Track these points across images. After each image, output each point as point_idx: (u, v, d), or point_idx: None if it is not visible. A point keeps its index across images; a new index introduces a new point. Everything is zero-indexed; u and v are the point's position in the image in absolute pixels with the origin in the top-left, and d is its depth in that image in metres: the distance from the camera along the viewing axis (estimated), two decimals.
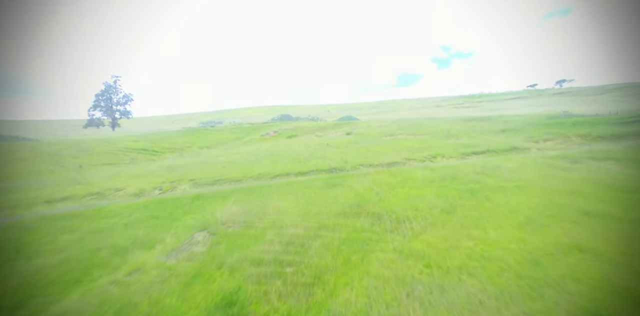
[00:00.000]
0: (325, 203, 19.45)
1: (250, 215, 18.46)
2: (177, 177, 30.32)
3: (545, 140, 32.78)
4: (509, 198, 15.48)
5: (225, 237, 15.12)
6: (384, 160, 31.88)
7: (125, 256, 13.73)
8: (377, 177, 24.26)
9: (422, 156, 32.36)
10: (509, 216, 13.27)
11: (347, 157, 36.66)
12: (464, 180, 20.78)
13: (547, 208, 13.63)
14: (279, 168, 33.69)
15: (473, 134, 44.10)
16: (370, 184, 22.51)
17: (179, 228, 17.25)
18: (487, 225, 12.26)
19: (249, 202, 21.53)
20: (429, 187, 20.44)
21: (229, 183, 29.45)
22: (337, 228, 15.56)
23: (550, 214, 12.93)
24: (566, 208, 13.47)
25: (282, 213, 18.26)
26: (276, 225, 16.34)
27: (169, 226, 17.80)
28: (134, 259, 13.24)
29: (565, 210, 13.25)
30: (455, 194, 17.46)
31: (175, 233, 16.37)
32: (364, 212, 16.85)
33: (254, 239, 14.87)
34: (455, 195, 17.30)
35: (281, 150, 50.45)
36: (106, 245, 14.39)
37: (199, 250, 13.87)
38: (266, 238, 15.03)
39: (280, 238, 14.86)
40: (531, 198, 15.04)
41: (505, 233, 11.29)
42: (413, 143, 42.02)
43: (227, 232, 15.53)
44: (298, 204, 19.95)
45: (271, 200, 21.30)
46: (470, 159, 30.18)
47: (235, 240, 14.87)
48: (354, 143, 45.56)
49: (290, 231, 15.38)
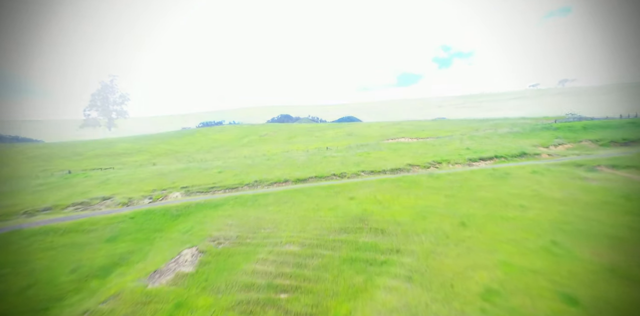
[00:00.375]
0: (324, 215, 18.28)
1: (244, 229, 17.31)
2: (169, 184, 29.19)
3: (556, 144, 31.67)
4: (526, 211, 14.31)
5: (215, 255, 13.98)
6: (386, 166, 30.75)
7: (104, 278, 12.56)
8: (380, 185, 23.11)
9: (426, 162, 31.24)
10: (529, 231, 12.04)
11: (347, 163, 35.53)
12: (473, 189, 19.56)
13: (570, 223, 12.43)
14: (277, 174, 32.56)
15: (478, 138, 42.95)
16: (373, 193, 21.31)
17: (165, 243, 16.08)
18: (507, 244, 11.07)
19: (243, 213, 20.38)
20: (436, 196, 19.23)
21: (223, 190, 28.26)
22: (337, 245, 14.42)
23: (575, 230, 11.78)
24: (591, 223, 12.32)
25: (277, 227, 17.11)
26: (271, 241, 15.20)
27: (155, 241, 16.64)
28: (113, 282, 12.08)
29: (591, 226, 12.08)
30: (465, 205, 16.30)
31: (161, 250, 15.22)
32: (366, 227, 15.71)
33: (246, 258, 13.73)
34: (466, 205, 16.14)
35: (279, 153, 49.34)
36: (83, 265, 13.22)
37: (185, 270, 12.70)
38: (259, 256, 13.89)
39: (275, 256, 13.73)
40: (550, 211, 13.87)
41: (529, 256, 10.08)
42: (416, 147, 40.89)
43: (217, 250, 14.39)
44: (295, 216, 18.78)
45: (267, 211, 20.14)
46: (477, 165, 29.01)
47: (226, 259, 13.74)
48: (354, 148, 44.45)
49: (286, 249, 14.23)
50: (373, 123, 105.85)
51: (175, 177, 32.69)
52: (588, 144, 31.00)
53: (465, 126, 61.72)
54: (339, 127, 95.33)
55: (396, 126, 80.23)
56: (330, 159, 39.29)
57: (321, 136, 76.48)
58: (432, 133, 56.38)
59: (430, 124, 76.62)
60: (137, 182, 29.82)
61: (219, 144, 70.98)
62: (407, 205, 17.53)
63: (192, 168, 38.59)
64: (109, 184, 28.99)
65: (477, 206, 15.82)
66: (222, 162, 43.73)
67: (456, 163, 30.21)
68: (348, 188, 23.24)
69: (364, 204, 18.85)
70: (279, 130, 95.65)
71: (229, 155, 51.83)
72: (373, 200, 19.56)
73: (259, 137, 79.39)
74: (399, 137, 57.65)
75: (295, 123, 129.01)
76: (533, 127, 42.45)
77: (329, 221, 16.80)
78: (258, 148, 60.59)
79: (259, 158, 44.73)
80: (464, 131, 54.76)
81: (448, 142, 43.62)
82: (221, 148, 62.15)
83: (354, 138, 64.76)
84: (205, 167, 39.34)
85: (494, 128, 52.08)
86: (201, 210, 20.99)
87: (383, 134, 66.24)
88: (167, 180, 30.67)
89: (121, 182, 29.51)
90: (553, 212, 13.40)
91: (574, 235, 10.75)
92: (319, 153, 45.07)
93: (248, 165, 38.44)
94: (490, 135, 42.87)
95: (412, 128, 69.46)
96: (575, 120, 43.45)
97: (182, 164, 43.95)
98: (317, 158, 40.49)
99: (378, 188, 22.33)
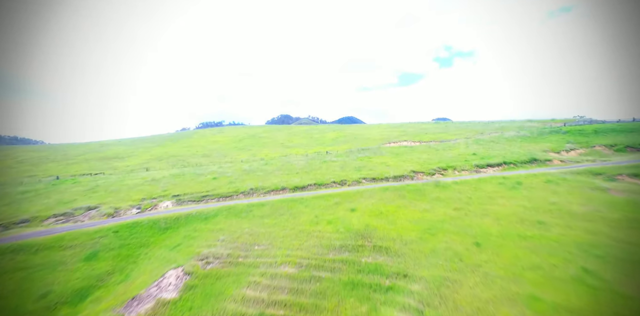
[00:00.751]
0: (323, 229, 17.02)
1: (236, 246, 16.10)
2: (160, 192, 27.98)
3: (567, 150, 30.47)
4: (547, 229, 13.00)
5: (202, 277, 12.79)
6: (389, 172, 29.57)
7: (76, 305, 11.38)
8: (382, 195, 21.90)
9: (431, 168, 30.05)
10: (555, 255, 10.55)
11: (347, 168, 34.35)
12: (483, 200, 18.24)
13: (601, 246, 11.00)
14: (274, 181, 31.33)
15: (484, 142, 41.81)
16: (375, 204, 20.09)
17: (150, 262, 14.90)
18: (531, 271, 9.70)
19: (236, 226, 19.10)
20: (444, 208, 17.90)
21: (216, 199, 26.99)
22: (337, 266, 13.21)
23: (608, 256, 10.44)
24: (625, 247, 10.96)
25: (272, 244, 15.90)
26: (264, 261, 13.99)
27: (139, 259, 15.46)
28: (85, 311, 10.91)
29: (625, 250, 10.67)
30: (476, 220, 15.06)
31: (144, 270, 14.03)
32: (369, 244, 14.53)
33: (236, 281, 12.53)
34: (477, 221, 14.91)
35: (277, 157, 48.17)
36: (55, 289, 12.03)
37: (167, 297, 11.50)
38: (251, 279, 12.68)
39: (269, 280, 12.52)
40: (574, 230, 12.57)
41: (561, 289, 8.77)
42: (419, 152, 39.76)
43: (204, 271, 13.19)
44: (292, 231, 17.52)
45: (262, 224, 18.87)
46: (485, 172, 27.76)
47: (214, 282, 12.54)
48: (355, 152, 43.32)
49: (281, 270, 13.03)
50: (374, 125, 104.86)
51: (167, 183, 31.53)
52: (602, 149, 29.84)
53: (469, 129, 60.63)
54: (339, 129, 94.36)
55: (398, 128, 79.22)
56: (330, 164, 38.13)
57: (320, 138, 75.42)
58: (435, 137, 55.28)
59: (432, 126, 75.56)
60: (126, 189, 28.64)
61: (216, 147, 69.84)
62: (412, 219, 16.36)
63: (186, 174, 37.44)
64: (97, 192, 27.82)
65: (490, 222, 14.66)
66: (218, 166, 42.57)
67: (462, 170, 29.05)
68: (349, 198, 22.07)
69: (366, 217, 17.67)
70: (277, 132, 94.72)
71: (226, 160, 50.70)
72: (376, 212, 18.38)
73: (257, 140, 78.30)
74: (401, 140, 56.58)
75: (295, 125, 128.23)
76: (541, 131, 41.30)
77: (328, 237, 15.62)
78: (256, 151, 59.48)
79: (256, 163, 43.58)
80: (468, 134, 53.67)
81: (453, 146, 42.47)
82: (218, 152, 60.99)
83: (355, 142, 63.72)
84: (200, 172, 38.17)
85: (500, 131, 50.96)
86: (191, 223, 19.80)
87: (384, 137, 65.18)
88: (158, 188, 29.50)
89: (109, 190, 28.34)
90: (578, 231, 12.22)
91: (607, 262, 9.55)
92: (318, 157, 43.88)
93: (244, 170, 37.25)
94: (496, 139, 41.73)
95: (414, 131, 68.39)
96: (585, 123, 42.27)
97: (176, 169, 42.82)
98: (316, 163, 39.34)
99: (381, 198, 21.16)
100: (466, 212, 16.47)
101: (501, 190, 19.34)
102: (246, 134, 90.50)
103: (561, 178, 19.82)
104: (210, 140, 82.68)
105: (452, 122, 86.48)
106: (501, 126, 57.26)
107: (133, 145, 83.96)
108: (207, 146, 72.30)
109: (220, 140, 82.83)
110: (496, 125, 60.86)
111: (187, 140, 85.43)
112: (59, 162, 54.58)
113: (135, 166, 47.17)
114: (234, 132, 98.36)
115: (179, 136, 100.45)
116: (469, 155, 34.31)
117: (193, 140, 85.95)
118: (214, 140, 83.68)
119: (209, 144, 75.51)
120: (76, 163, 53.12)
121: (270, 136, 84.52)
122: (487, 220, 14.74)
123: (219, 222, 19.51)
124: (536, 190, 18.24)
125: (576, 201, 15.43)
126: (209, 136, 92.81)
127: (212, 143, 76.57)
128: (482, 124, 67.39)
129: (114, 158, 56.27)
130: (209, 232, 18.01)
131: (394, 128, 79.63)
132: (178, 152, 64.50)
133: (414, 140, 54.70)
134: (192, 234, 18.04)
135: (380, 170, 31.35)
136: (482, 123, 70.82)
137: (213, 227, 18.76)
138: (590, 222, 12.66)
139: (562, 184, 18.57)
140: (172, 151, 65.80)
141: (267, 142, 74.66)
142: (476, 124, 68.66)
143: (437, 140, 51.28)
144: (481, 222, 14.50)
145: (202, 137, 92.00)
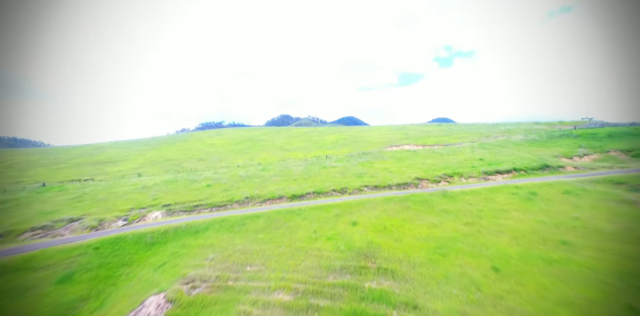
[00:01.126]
0: (322, 247, 15.64)
1: (226, 266, 14.78)
2: (149, 201, 26.67)
3: (580, 155, 29.24)
4: (573, 251, 11.48)
5: (185, 306, 11.47)
6: (391, 179, 28.31)
7: None
8: (386, 206, 20.62)
9: (436, 175, 28.81)
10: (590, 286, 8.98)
11: (348, 174, 33.07)
12: (496, 214, 16.79)
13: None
14: (270, 188, 30.05)
15: (490, 146, 40.63)
16: (379, 217, 18.72)
17: (130, 285, 13.59)
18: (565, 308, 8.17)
19: (227, 242, 17.70)
20: (454, 223, 16.52)
21: (209, 209, 25.64)
22: (337, 292, 11.91)
23: None
24: None
25: (266, 264, 14.59)
26: (257, 286, 12.69)
27: (119, 281, 14.15)
28: None
29: None
30: (492, 238, 13.72)
31: (122, 296, 12.72)
32: (373, 266, 13.24)
33: (224, 311, 11.17)
34: (493, 239, 13.56)
35: (275, 162, 46.90)
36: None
37: None
38: (240, 309, 11.33)
39: (260, 310, 11.17)
40: (606, 253, 10.99)
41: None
42: (423, 157, 38.52)
43: (189, 298, 11.91)
44: (288, 249, 16.10)
45: (255, 240, 17.49)
46: (494, 179, 26.47)
47: (198, 312, 11.25)
48: (355, 157, 42.09)
49: (275, 298, 11.73)
50: (374, 127, 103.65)
51: (159, 191, 30.25)
52: (617, 155, 28.62)
53: (474, 132, 59.44)
54: (339, 131, 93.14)
55: (399, 131, 78.01)
56: (330, 170, 36.87)
57: (320, 141, 74.16)
58: (439, 140, 54.06)
59: (435, 129, 74.36)
60: (114, 198, 27.37)
61: (212, 150, 68.62)
62: (420, 235, 15.11)
63: (179, 180, 36.16)
64: (83, 201, 26.56)
65: (507, 240, 13.40)
66: (213, 172, 41.28)
67: (470, 177, 27.81)
68: (350, 209, 20.81)
69: (369, 232, 16.41)
70: (276, 134, 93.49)
71: (222, 164, 49.47)
72: (379, 226, 17.12)
73: (255, 142, 77.12)
74: (403, 144, 55.35)
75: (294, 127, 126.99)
76: (550, 134, 40.08)
77: (328, 256, 14.36)
78: (253, 155, 58.26)
79: (253, 168, 42.33)
80: (473, 138, 52.45)
81: (457, 151, 41.20)
82: (214, 156, 59.75)
83: (355, 145, 62.46)
84: (194, 178, 36.92)
85: (507, 134, 49.77)
86: (180, 237, 18.53)
87: (386, 140, 63.91)
88: (148, 196, 28.22)
89: (96, 199, 27.07)
90: (612, 254, 10.95)
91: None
92: (317, 162, 42.62)
93: (240, 177, 36.00)
94: (503, 143, 40.53)
95: (416, 134, 67.16)
96: (597, 126, 41.02)
97: (170, 175, 41.57)
98: (315, 168, 38.09)
99: (384, 210, 19.91)
100: (479, 227, 15.22)
101: (515, 202, 18.10)
102: (244, 137, 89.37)
103: (580, 188, 18.57)
104: (207, 143, 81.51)
105: (456, 124, 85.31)
106: (507, 129, 56.07)
107: (128, 148, 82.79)
108: (203, 149, 71.10)
109: (218, 142, 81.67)
110: (501, 127, 59.68)
111: (184, 143, 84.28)
112: (48, 167, 53.36)
113: (128, 171, 45.91)
114: (232, 135, 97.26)
115: (175, 138, 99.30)
116: (476, 160, 33.09)
117: (189, 143, 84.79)
118: (211, 142, 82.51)
119: (205, 147, 74.33)
120: (67, 167, 51.89)
121: (269, 139, 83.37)
122: (503, 238, 13.47)
123: (209, 237, 18.23)
124: (554, 203, 16.99)
125: (602, 216, 14.18)
126: (206, 139, 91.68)
127: (208, 146, 75.38)
128: (486, 127, 66.21)
129: (106, 163, 55.02)
130: (198, 249, 16.73)
131: (396, 131, 78.48)
132: (173, 155, 63.29)
133: (417, 143, 53.49)
134: (180, 251, 16.76)
135: (383, 176, 30.10)
136: (486, 125, 69.63)
137: (203, 242, 17.49)
138: (624, 244, 11.40)
139: (582, 196, 17.33)
140: (168, 154, 64.59)
141: (266, 145, 73.48)
142: (480, 127, 67.48)
143: (440, 143, 50.09)
144: (497, 241, 13.24)
145: (199, 139, 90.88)
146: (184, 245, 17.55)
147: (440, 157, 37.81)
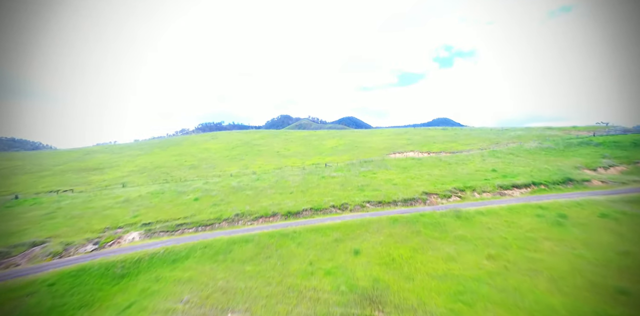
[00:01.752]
0: (319, 286, 13.11)
1: (202, 313, 12.50)
2: (129, 218, 24.38)
3: (605, 166, 27.03)
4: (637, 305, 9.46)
5: None
6: (397, 194, 26.08)
7: None
8: (392, 229, 18.36)
9: (446, 189, 26.57)
10: None
11: (349, 186, 30.79)
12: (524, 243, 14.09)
13: None
14: (264, 202, 27.78)
15: (501, 154, 38.42)
16: (385, 244, 16.19)
17: None
18: None
19: (208, 276, 15.13)
20: (474, 255, 13.90)
21: (194, 228, 23.25)
22: None
23: None
24: None
25: (250, 311, 12.26)
26: None
27: None
28: None
29: None
30: (526, 281, 11.06)
31: None
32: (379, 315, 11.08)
33: None
34: (527, 282, 10.91)
35: (270, 171, 44.59)
36: None
37: None
38: None
39: None
40: None
41: None
42: (429, 166, 36.32)
43: None
44: (279, 287, 13.64)
45: (241, 273, 15.00)
46: (511, 195, 24.03)
47: None
48: (357, 165, 39.93)
49: None
50: (376, 131, 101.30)
51: (141, 206, 28.02)
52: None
53: (482, 137, 57.24)
54: (339, 135, 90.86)
55: (402, 135, 75.75)
56: (329, 180, 34.67)
57: (319, 146, 71.91)
58: (445, 147, 51.85)
59: (440, 134, 72.11)
60: (90, 214, 25.14)
61: (206, 156, 66.44)
62: (435, 272, 12.88)
63: (165, 192, 33.92)
64: (54, 218, 24.31)
65: (545, 284, 11.18)
66: (204, 182, 39.05)
67: (484, 192, 25.58)
68: (351, 233, 18.56)
69: (374, 266, 14.18)
70: (274, 138, 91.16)
71: (214, 172, 47.28)
72: (386, 258, 14.89)
73: (251, 147, 74.92)
74: (407, 151, 53.14)
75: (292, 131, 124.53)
76: (567, 142, 37.87)
77: (325, 299, 12.13)
78: (249, 162, 56.06)
79: (247, 178, 40.08)
80: (481, 144, 50.25)
81: (467, 160, 38.99)
82: (207, 162, 57.54)
83: (356, 151, 60.21)
84: (183, 190, 34.69)
85: (518, 141, 47.56)
86: (155, 268, 16.27)
87: (388, 146, 61.67)
88: (128, 212, 26.00)
89: (70, 215, 24.83)
90: None
91: None
92: (316, 171, 40.35)
93: (232, 188, 33.77)
94: (516, 151, 38.36)
95: (420, 139, 64.94)
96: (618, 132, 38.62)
97: (157, 185, 39.28)
98: (314, 179, 35.90)
99: (390, 235, 17.66)
100: (505, 263, 12.99)
101: (543, 227, 15.89)
102: (240, 141, 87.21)
103: (618, 211, 16.36)
104: (202, 148, 79.33)
105: (462, 129, 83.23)
106: (517, 135, 53.95)
107: (120, 152, 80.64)
108: (197, 155, 68.91)
109: (212, 147, 79.49)
110: (511, 133, 57.55)
111: (177, 148, 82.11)
112: (32, 174, 51.20)
113: (113, 180, 43.70)
114: (228, 138, 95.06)
115: (169, 142, 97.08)
116: (488, 171, 30.90)
117: (183, 147, 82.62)
118: (206, 147, 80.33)
119: (199, 152, 72.12)
120: (51, 175, 49.71)
121: (266, 143, 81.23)
122: (540, 281, 11.23)
123: (189, 268, 15.98)
124: (591, 230, 14.79)
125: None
126: (201, 143, 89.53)
127: (203, 151, 73.18)
128: (495, 132, 64.10)
129: (93, 170, 52.82)
130: (173, 284, 14.48)
131: (398, 135, 76.33)
132: (165, 161, 61.09)
133: (422, 150, 51.34)
134: (152, 287, 14.52)
135: (387, 190, 27.87)
136: (494, 130, 67.51)
137: (180, 276, 15.24)
138: None
139: (623, 221, 15.13)
140: (159, 161, 62.38)
141: (262, 149, 71.32)
142: (488, 132, 65.38)
143: (447, 150, 47.94)
144: (533, 285, 11.01)
145: (193, 144, 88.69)
146: (157, 277, 15.30)
147: (448, 166, 35.64)
